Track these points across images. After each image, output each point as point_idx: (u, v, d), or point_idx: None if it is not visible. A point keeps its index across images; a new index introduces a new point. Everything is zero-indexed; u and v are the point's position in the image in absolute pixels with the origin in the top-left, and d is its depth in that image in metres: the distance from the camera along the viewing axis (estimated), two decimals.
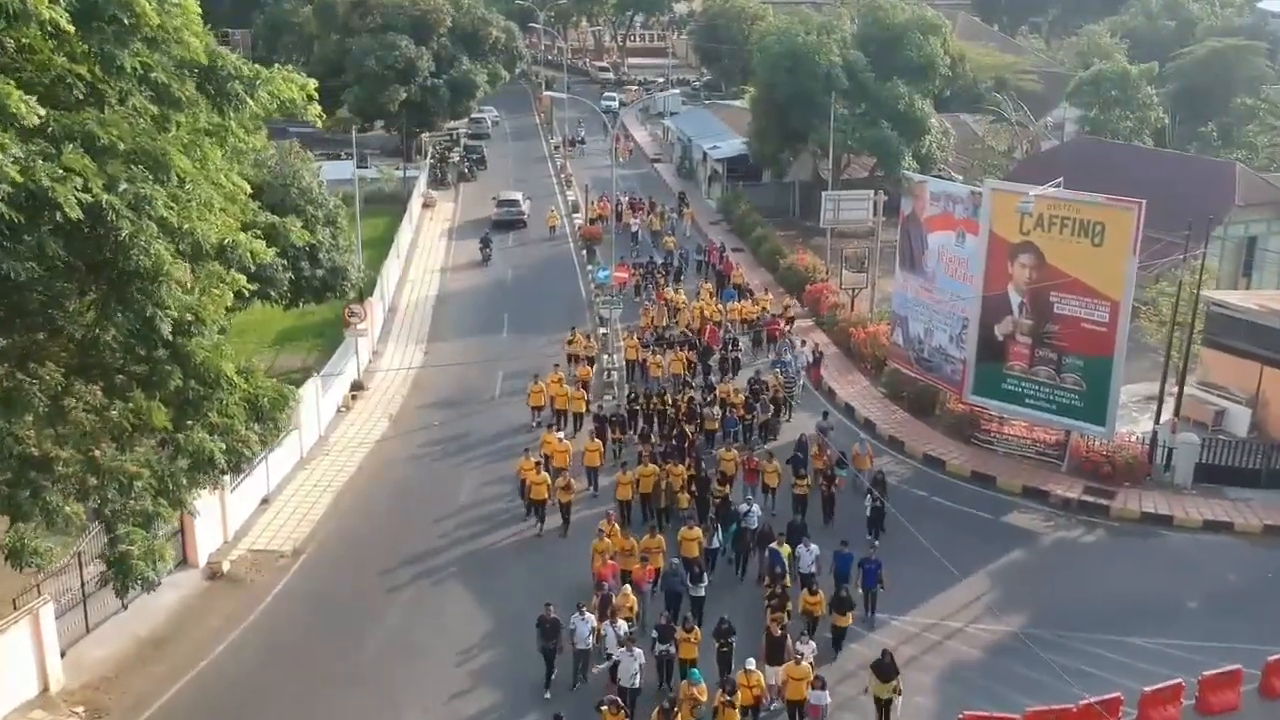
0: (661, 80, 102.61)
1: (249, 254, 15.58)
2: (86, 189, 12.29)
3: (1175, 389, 31.75)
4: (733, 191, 59.04)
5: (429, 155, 70.11)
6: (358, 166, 64.11)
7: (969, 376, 31.78)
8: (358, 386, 35.49)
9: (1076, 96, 64.74)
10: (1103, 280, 28.85)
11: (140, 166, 13.23)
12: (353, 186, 60.86)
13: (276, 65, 17.84)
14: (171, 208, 13.44)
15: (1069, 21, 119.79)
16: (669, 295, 41.63)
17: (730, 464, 28.21)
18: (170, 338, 14.06)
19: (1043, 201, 29.20)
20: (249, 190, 18.42)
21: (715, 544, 25.08)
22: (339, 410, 33.97)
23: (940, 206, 32.57)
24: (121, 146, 13.09)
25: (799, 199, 59.61)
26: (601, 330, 40.15)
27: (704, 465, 28.01)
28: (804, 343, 38.21)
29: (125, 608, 22.85)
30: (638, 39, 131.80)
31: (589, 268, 48.36)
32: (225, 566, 24.91)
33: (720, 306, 40.84)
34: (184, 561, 24.78)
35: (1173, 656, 22.19)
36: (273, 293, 32.08)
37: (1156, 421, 31.13)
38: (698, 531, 24.61)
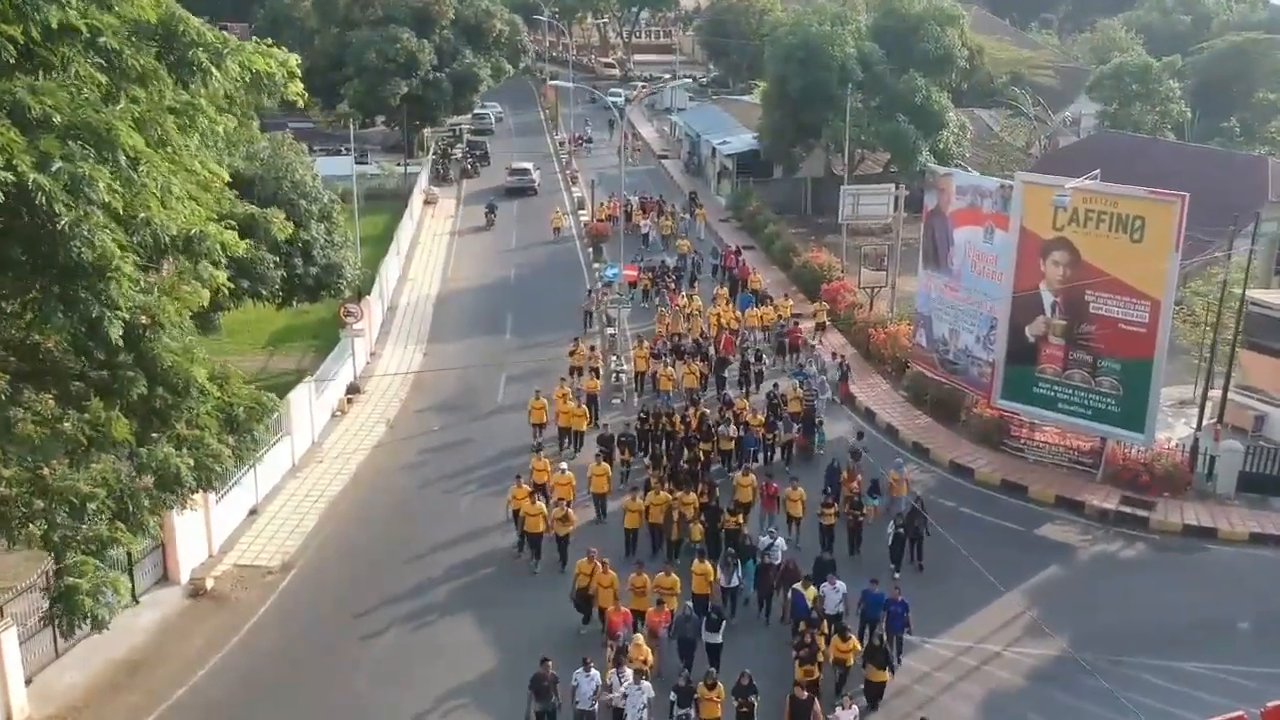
0: (668, 76, 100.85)
1: (219, 246, 13.84)
2: (10, 166, 10.57)
3: (1212, 393, 30.01)
4: (743, 188, 57.31)
5: (431, 151, 68.47)
6: (357, 162, 62.73)
7: (998, 380, 30.12)
8: (354, 390, 33.87)
9: (1096, 90, 63.18)
10: (1142, 278, 27.19)
11: (80, 143, 11.45)
12: (352, 183, 59.83)
13: None
14: (117, 192, 11.65)
15: (1080, 18, 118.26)
16: (682, 301, 39.11)
17: (746, 490, 25.61)
18: (120, 343, 12.20)
19: (1078, 195, 27.57)
20: (226, 179, 16.70)
21: (735, 581, 22.36)
22: (334, 415, 32.34)
23: (967, 200, 30.89)
24: (58, 119, 11.32)
25: (811, 196, 57.96)
26: (610, 330, 38.51)
27: (717, 491, 25.29)
28: (835, 355, 35.69)
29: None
30: (643, 35, 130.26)
31: (595, 266, 46.69)
32: (209, 583, 23.28)
33: (737, 314, 38.52)
34: (164, 578, 23.18)
35: (1229, 683, 20.55)
36: (264, 291, 30.54)
37: (1197, 428, 29.43)
38: (708, 568, 21.99)
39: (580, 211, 57.48)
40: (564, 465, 26.45)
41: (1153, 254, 26.91)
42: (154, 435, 13.76)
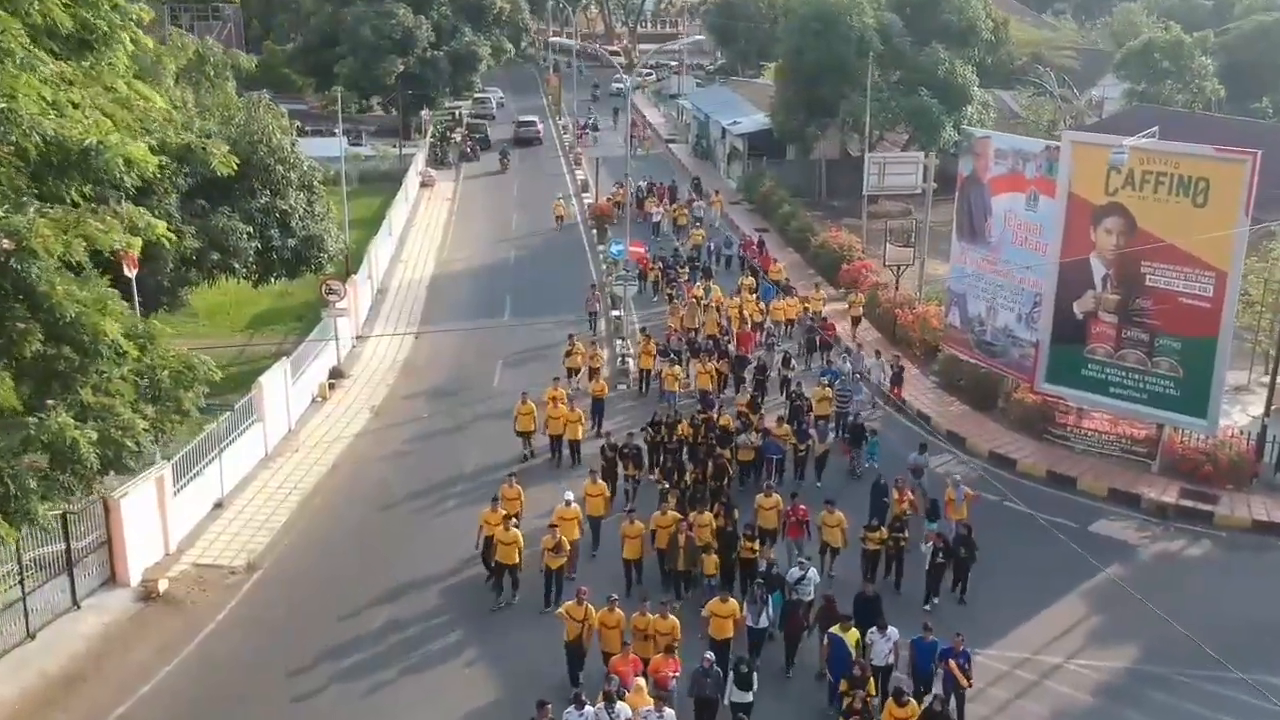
0: (674, 64, 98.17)
1: (121, 161, 11.11)
2: None
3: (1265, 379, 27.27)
4: (755, 169, 54.54)
5: (429, 134, 65.77)
6: (352, 144, 60.20)
7: (1042, 362, 27.39)
8: (337, 374, 31.18)
9: (1125, 68, 60.21)
10: (1206, 247, 24.41)
11: None
12: (340, 164, 57.14)
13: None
14: None
15: (1094, 7, 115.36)
16: (698, 292, 35.10)
17: (770, 514, 21.40)
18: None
19: (1134, 155, 24.74)
20: (164, 106, 14.04)
21: (765, 622, 18.37)
22: (314, 400, 29.65)
23: (1007, 165, 28.14)
24: None
25: (825, 178, 55.15)
26: (615, 313, 35.82)
27: (736, 513, 21.18)
28: (878, 354, 30.92)
29: (32, 637, 18.62)
30: (648, 25, 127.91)
31: (599, 248, 43.95)
32: (162, 585, 20.58)
33: (762, 306, 34.66)
34: (111, 579, 20.48)
35: None
36: (236, 265, 27.89)
37: (1265, 414, 26.66)
38: (733, 605, 18.08)
39: (584, 194, 54.75)
40: (569, 495, 21.59)
41: (1218, 219, 24.14)
42: (49, 402, 11.04)
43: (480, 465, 25.94)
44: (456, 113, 71.33)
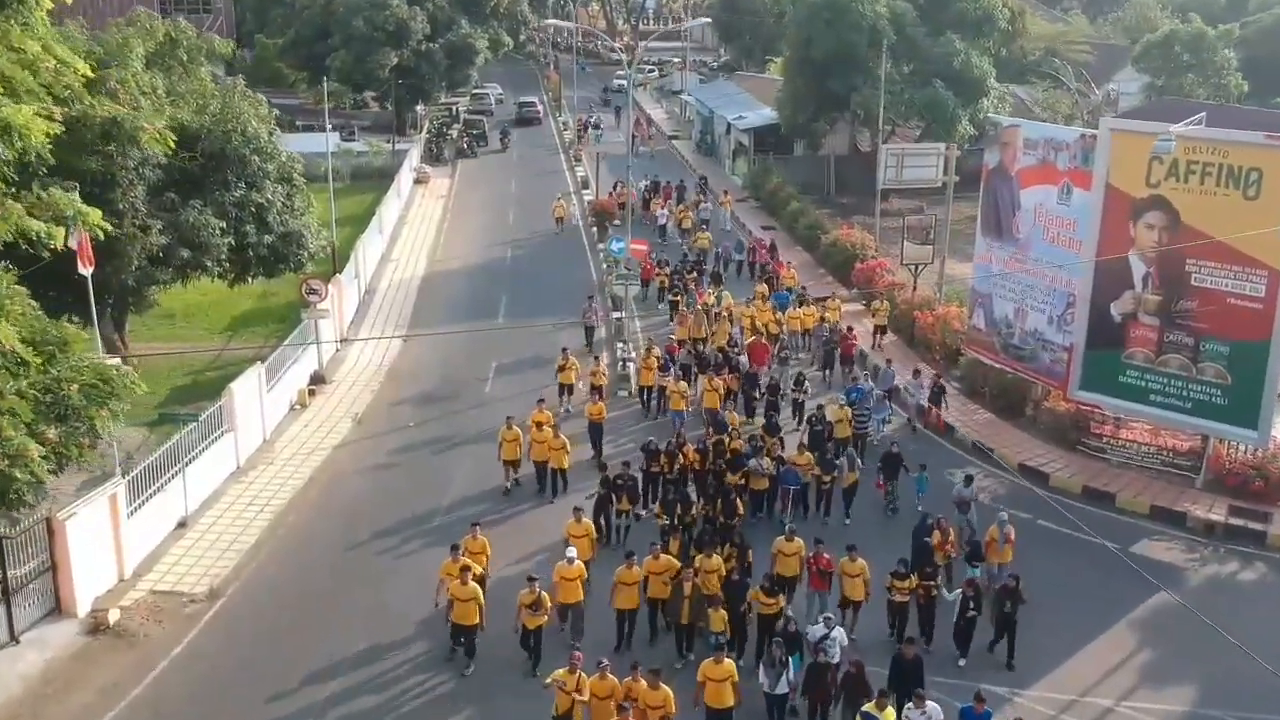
0: (677, 60, 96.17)
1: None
2: None
3: None
4: (761, 165, 52.52)
5: (425, 129, 63.79)
6: (344, 139, 58.34)
7: (1076, 367, 25.40)
8: (318, 379, 29.19)
9: (1143, 61, 58.20)
10: (1258, 243, 22.43)
11: None
12: (336, 161, 55.21)
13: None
14: None
15: (1105, 3, 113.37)
16: (709, 299, 32.54)
17: (792, 561, 18.64)
18: None
19: (1179, 144, 22.69)
20: (84, 70, 12.05)
21: (782, 687, 15.85)
22: (293, 408, 27.66)
23: (1038, 155, 26.13)
24: None
25: (834, 174, 53.15)
26: (615, 315, 33.80)
27: (750, 556, 18.85)
28: (917, 372, 28.16)
29: None
30: (650, 23, 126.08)
31: (600, 247, 41.91)
32: (113, 615, 18.59)
33: (777, 316, 31.83)
34: (56, 609, 18.49)
35: None
36: (208, 262, 25.92)
37: None
38: (729, 667, 15.44)
39: (585, 191, 52.73)
40: (573, 553, 17.93)
41: (1272, 213, 22.14)
42: None
43: (469, 479, 23.93)
44: (454, 108, 69.37)
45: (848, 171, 52.80)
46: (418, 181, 54.69)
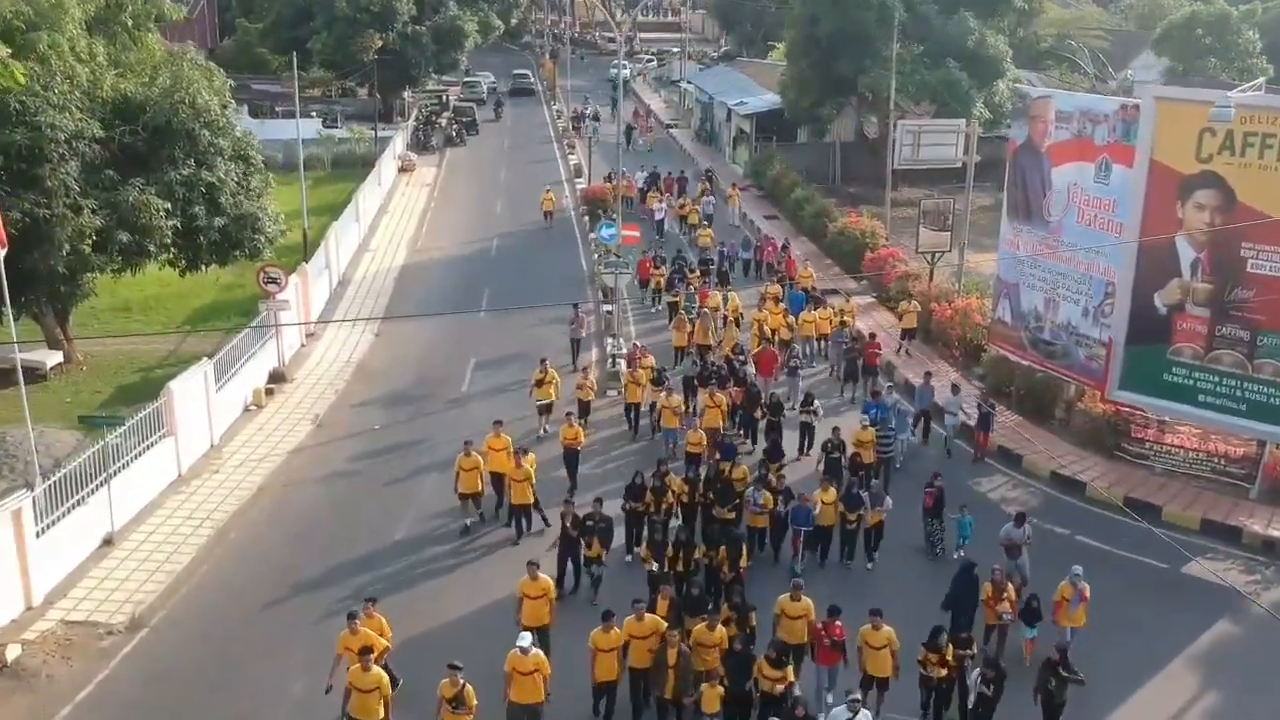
0: (676, 51, 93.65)
1: None
2: None
3: None
4: (763, 151, 49.92)
5: (413, 116, 61.17)
6: (326, 125, 55.85)
7: (1115, 364, 22.86)
8: (278, 377, 26.60)
9: (1163, 44, 55.75)
10: None
11: None
12: (316, 148, 52.80)
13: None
14: None
15: None
16: (714, 301, 28.72)
17: (798, 626, 15.14)
18: None
19: (1235, 114, 20.10)
20: None
21: None
22: (247, 409, 25.08)
23: (1073, 129, 23.56)
24: None
25: (840, 162, 50.55)
26: (606, 308, 31.20)
27: (754, 620, 15.28)
28: (956, 388, 24.34)
29: None
30: (649, 14, 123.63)
31: (591, 236, 39.29)
32: (11, 652, 15.98)
33: (790, 320, 28.45)
34: None
35: None
36: (150, 246, 23.35)
37: None
38: None
39: (578, 180, 50.12)
40: (527, 641, 13.94)
41: None
42: None
43: (434, 492, 21.14)
44: (443, 96, 66.78)
45: (854, 159, 50.25)
46: (402, 170, 52.08)
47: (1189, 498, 21.71)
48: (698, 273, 32.18)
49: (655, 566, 17.15)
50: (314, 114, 57.80)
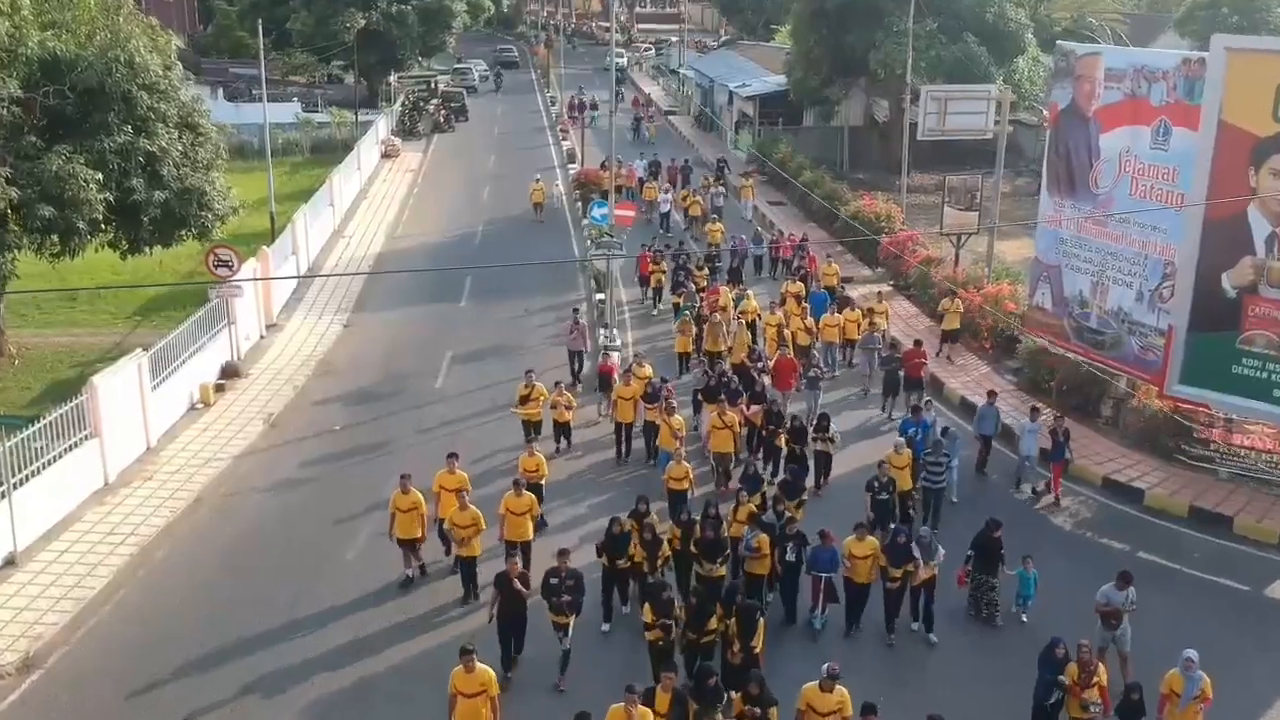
0: (675, 40, 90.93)
1: None
2: None
3: None
4: (768, 136, 47.12)
5: (400, 101, 58.33)
6: (306, 109, 53.13)
7: (1176, 355, 20.06)
8: (231, 372, 23.81)
9: (1187, 25, 53.03)
10: None
11: None
12: (295, 133, 50.14)
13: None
14: None
15: None
16: (724, 301, 25.30)
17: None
18: None
19: None
20: None
21: None
22: (193, 407, 22.28)
23: (1125, 89, 20.76)
24: None
25: (848, 147, 47.76)
26: (599, 297, 28.37)
27: (770, 711, 11.94)
28: (1036, 410, 20.03)
29: None
30: (647, 4, 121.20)
31: (584, 223, 36.46)
32: None
33: (810, 323, 24.82)
34: None
35: None
36: (79, 222, 20.56)
37: None
38: None
39: (570, 165, 47.28)
40: None
41: None
42: None
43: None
44: (432, 82, 63.94)
45: (863, 145, 47.58)
46: (386, 155, 49.25)
47: (1263, 508, 18.94)
48: (705, 270, 28.40)
49: (661, 632, 13.32)
50: (295, 99, 55.10)
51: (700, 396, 20.87)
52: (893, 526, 15.68)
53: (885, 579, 14.92)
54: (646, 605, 13.50)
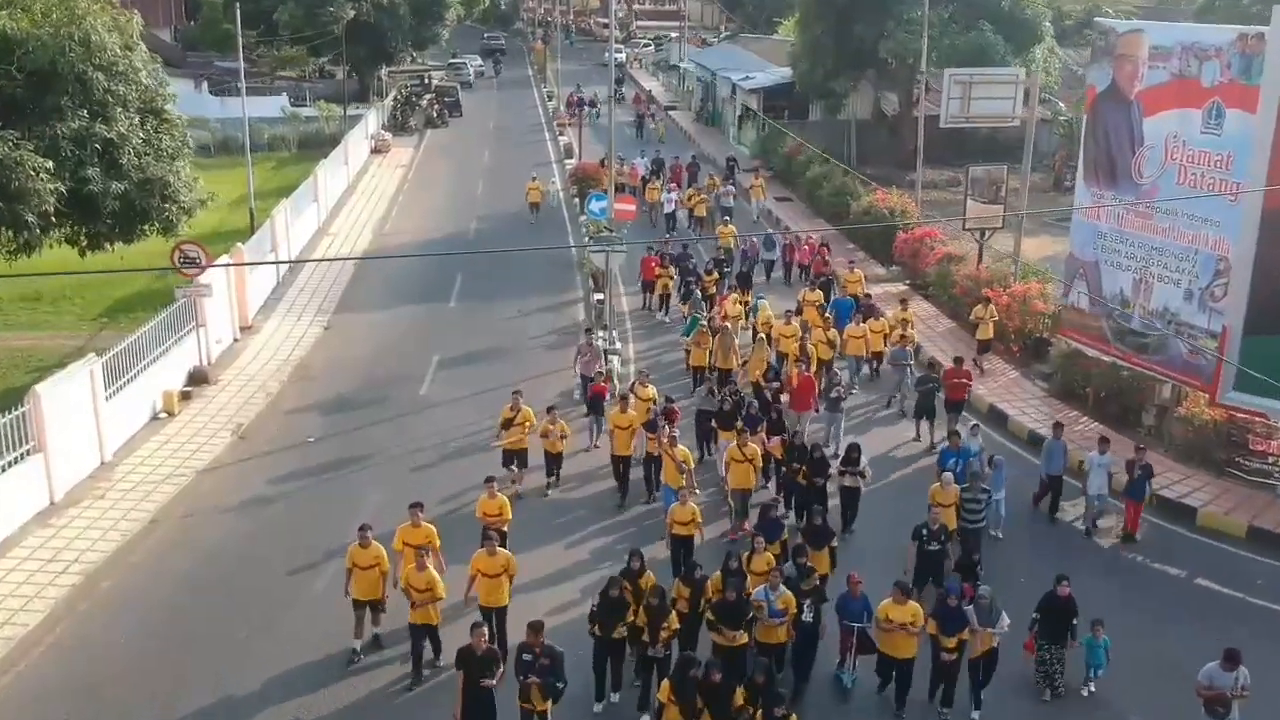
0: (675, 36, 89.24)
1: None
2: None
3: None
4: (773, 129, 45.33)
5: (392, 97, 56.57)
6: (293, 104, 51.39)
7: (1230, 360, 18.23)
8: (199, 378, 22.02)
9: (1207, 16, 51.14)
10: None
11: None
12: (282, 127, 48.42)
13: None
14: None
15: None
16: (734, 309, 23.61)
17: None
18: None
19: None
20: None
21: None
22: (156, 417, 20.47)
23: (1172, 69, 19.02)
24: None
25: (856, 142, 45.96)
26: (596, 296, 26.57)
27: None
28: (1104, 441, 17.23)
29: None
30: (646, 2, 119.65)
31: (582, 219, 34.66)
32: None
33: (834, 334, 22.37)
34: None
35: None
36: (28, 215, 18.80)
37: None
38: None
39: (567, 160, 45.49)
40: None
41: None
42: None
43: (381, 512, 16.34)
44: (425, 77, 62.21)
45: (871, 140, 45.75)
46: (376, 150, 47.54)
47: None
48: (714, 275, 26.17)
49: None
50: (284, 93, 53.38)
51: (715, 423, 18.47)
52: (946, 585, 12.97)
53: (938, 649, 12.54)
54: (666, 684, 11.28)
